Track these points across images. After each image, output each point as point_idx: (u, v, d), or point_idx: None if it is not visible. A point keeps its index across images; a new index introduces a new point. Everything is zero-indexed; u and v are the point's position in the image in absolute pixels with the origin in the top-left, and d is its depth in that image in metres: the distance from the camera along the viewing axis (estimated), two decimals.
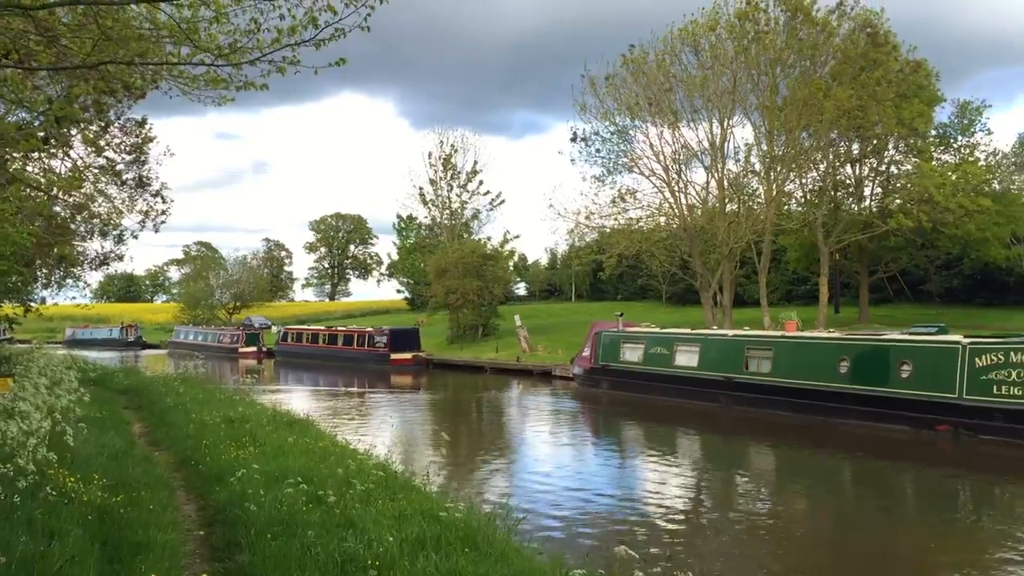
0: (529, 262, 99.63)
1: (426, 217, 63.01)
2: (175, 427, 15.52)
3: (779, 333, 25.60)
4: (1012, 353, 17.70)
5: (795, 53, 37.41)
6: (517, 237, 64.20)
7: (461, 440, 21.53)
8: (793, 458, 18.41)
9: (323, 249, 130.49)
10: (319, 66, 6.53)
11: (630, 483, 15.62)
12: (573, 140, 43.36)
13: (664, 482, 15.48)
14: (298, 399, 29.92)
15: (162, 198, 27.74)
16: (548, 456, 18.76)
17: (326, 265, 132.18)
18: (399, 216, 65.15)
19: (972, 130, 45.69)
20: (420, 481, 10.73)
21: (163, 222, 27.75)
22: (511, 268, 64.91)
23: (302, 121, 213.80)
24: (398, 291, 75.32)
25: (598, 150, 42.86)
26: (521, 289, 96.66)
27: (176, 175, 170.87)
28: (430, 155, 60.15)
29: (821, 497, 14.85)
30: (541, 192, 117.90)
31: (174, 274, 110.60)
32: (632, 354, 29.18)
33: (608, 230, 43.95)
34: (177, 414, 17.00)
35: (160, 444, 14.73)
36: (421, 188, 60.71)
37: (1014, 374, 17.55)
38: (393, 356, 46.32)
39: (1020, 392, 17.41)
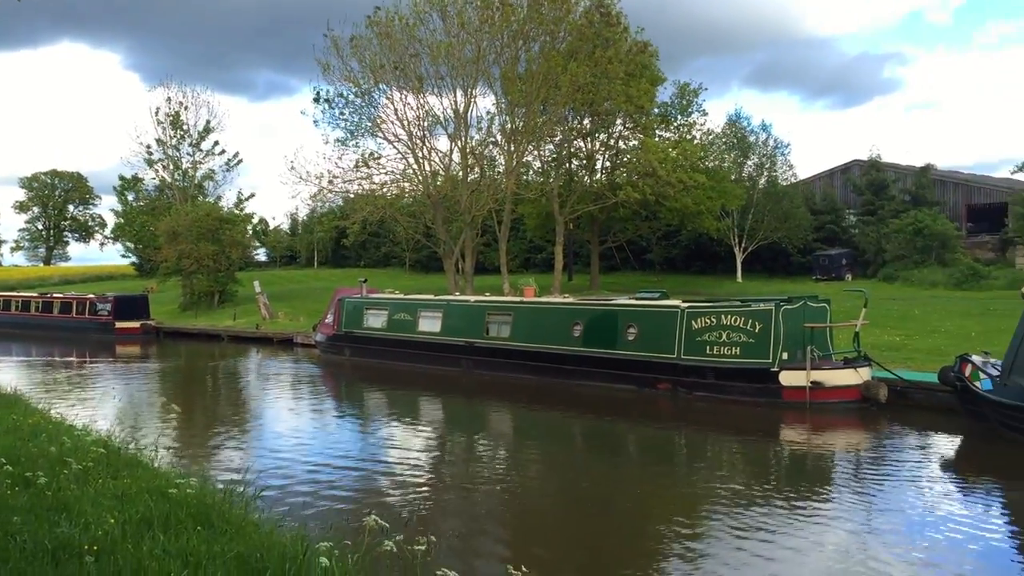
0: (270, 227, 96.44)
1: (153, 178, 59.00)
2: None
3: (518, 299, 26.49)
4: (723, 316, 19.42)
5: (536, 27, 38.55)
6: (252, 196, 61.46)
7: (195, 411, 20.44)
8: (530, 418, 19.17)
9: (36, 209, 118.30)
10: None
11: (375, 449, 15.54)
12: (316, 101, 42.18)
13: (408, 446, 15.56)
14: (4, 372, 27.01)
15: None
16: (290, 425, 18.24)
17: (40, 227, 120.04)
18: (122, 177, 60.22)
19: (690, 110, 49.56)
20: (148, 457, 10.01)
21: None
22: (250, 232, 62.21)
23: (14, 70, 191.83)
24: (123, 256, 69.80)
25: (342, 113, 42.01)
26: (261, 255, 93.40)
27: None
28: (157, 111, 56.30)
29: (555, 453, 15.58)
30: (285, 156, 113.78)
31: None
32: (376, 320, 29.03)
33: (352, 195, 43.32)
34: None
35: None
36: (149, 146, 56.70)
37: (724, 335, 19.27)
38: (118, 325, 43.16)
39: (728, 351, 19.17)
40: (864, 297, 19.96)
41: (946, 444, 15.18)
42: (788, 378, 18.23)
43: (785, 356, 18.44)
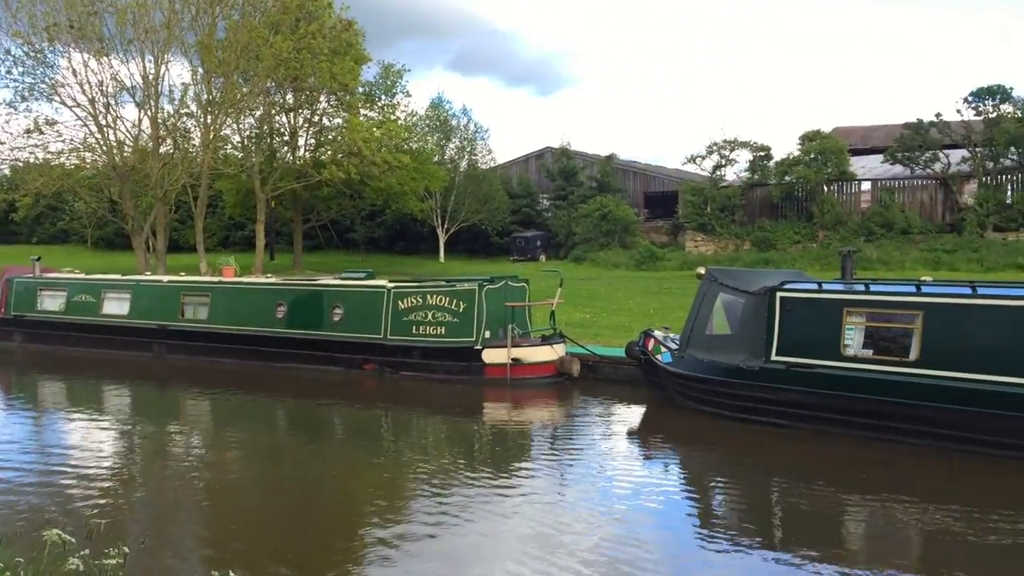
0: None
1: None
2: None
3: (216, 279, 25.19)
4: (429, 296, 19.71)
5: None
6: None
7: None
8: (231, 405, 18.33)
9: None
10: None
11: (54, 448, 14.03)
12: None
13: (93, 443, 14.23)
14: None
15: None
16: None
17: None
18: None
19: (394, 91, 49.82)
20: None
21: None
22: None
23: None
24: None
25: (9, 72, 37.45)
26: None
27: None
28: None
29: (257, 440, 14.99)
30: None
31: None
32: (52, 303, 26.31)
33: (22, 164, 38.88)
34: None
35: None
36: None
37: (430, 315, 19.58)
38: None
39: (434, 331, 19.51)
40: (559, 277, 21.20)
41: (631, 414, 16.50)
42: (490, 356, 18.89)
43: (488, 334, 19.09)
